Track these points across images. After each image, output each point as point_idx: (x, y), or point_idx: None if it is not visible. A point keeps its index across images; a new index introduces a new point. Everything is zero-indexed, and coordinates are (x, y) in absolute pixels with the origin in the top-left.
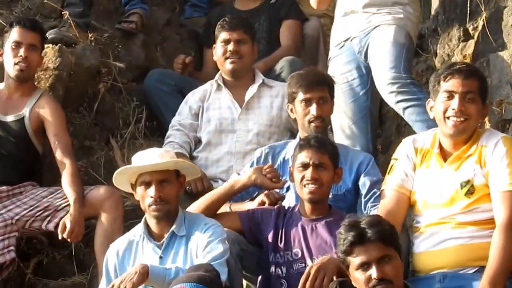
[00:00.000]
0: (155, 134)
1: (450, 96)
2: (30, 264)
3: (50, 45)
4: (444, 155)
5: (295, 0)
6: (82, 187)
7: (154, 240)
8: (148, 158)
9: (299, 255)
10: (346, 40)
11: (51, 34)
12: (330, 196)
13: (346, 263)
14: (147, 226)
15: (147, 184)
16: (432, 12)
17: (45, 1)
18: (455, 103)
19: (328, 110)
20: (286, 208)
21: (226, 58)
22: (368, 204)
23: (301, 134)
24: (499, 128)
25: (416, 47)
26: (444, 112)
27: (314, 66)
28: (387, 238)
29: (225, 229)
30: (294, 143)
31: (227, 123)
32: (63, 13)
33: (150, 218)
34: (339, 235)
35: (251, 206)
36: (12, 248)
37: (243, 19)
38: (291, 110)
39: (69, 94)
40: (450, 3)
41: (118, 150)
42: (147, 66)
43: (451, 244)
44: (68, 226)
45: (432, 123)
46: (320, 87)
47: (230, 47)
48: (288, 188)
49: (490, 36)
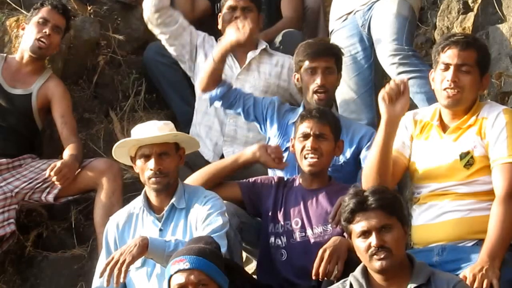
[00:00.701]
0: (155, 107)
1: (446, 67)
2: (30, 236)
3: None
4: (444, 127)
5: None
6: (82, 158)
7: (154, 212)
8: (148, 131)
9: (299, 225)
10: (349, 13)
11: None
12: None
13: (348, 231)
14: (146, 198)
15: (147, 157)
16: None
17: None
18: (449, 74)
19: (333, 81)
20: (286, 179)
21: None
22: None
23: (305, 104)
24: (498, 100)
25: None
26: (441, 83)
27: None
28: (388, 206)
29: (224, 201)
30: (300, 110)
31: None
32: None
33: (149, 190)
34: (343, 203)
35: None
36: (12, 220)
37: None
38: (297, 79)
39: (68, 67)
40: None
41: (118, 122)
42: (147, 39)
43: (449, 217)
44: (58, 165)
45: (432, 95)
46: (326, 56)
47: (237, 13)
48: (287, 149)
49: (489, 8)
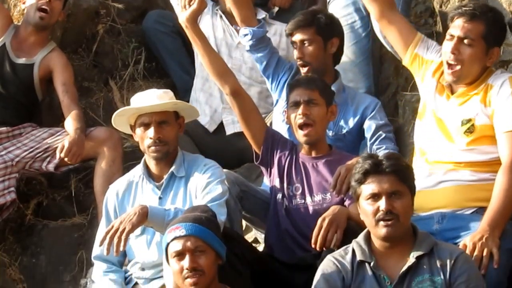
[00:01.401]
0: (154, 75)
1: (451, 38)
2: (30, 205)
3: None
4: (452, 89)
5: None
6: (85, 125)
7: (154, 181)
8: (147, 99)
9: (300, 191)
10: None
11: None
12: (331, 134)
13: (357, 193)
14: (146, 167)
15: (146, 125)
16: None
17: None
18: (450, 46)
19: (314, 53)
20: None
21: None
22: (374, 146)
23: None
24: (497, 69)
25: None
26: (445, 54)
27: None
28: (402, 173)
29: (224, 170)
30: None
31: (226, 46)
32: None
33: (149, 159)
34: (356, 164)
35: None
36: (12, 189)
37: None
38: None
39: (67, 36)
40: None
41: (117, 91)
42: (146, 7)
43: (449, 184)
44: (66, 145)
45: None
46: (301, 28)
47: None
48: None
49: None
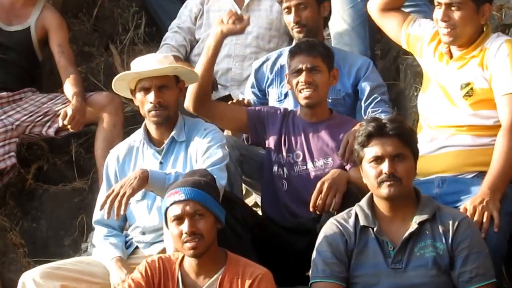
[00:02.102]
0: (154, 40)
1: (439, 5)
2: (30, 170)
3: None
4: (451, 54)
5: None
6: (83, 91)
7: (154, 145)
8: (147, 63)
9: (301, 158)
10: None
11: None
12: (329, 100)
13: (360, 156)
14: (147, 131)
15: (147, 90)
16: None
17: None
18: (439, 14)
19: (310, 16)
20: (289, 110)
21: None
22: (369, 109)
23: (295, 39)
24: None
25: None
26: (437, 22)
27: None
28: (405, 136)
29: (224, 134)
30: (288, 50)
31: None
32: None
33: (150, 123)
34: (359, 127)
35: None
36: (12, 153)
37: None
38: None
39: (68, 0)
40: None
41: (118, 56)
42: None
43: (450, 150)
44: (69, 113)
45: None
46: None
47: None
48: (286, 94)
49: None
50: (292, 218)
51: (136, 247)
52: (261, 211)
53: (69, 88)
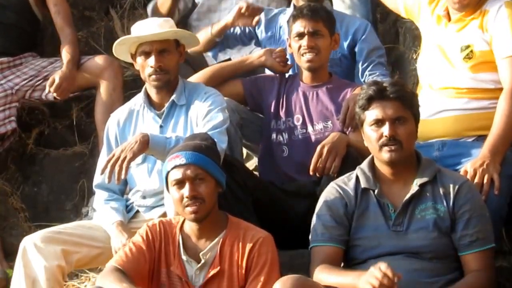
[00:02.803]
0: None
1: None
2: (31, 134)
3: None
4: (449, 16)
5: None
6: (78, 53)
7: (155, 109)
8: (148, 28)
9: (301, 121)
10: None
11: None
12: None
13: (361, 119)
14: (147, 95)
15: (147, 54)
16: None
17: None
18: None
19: None
20: (287, 76)
21: None
22: (366, 72)
23: (295, 2)
24: None
25: None
26: None
27: None
28: (406, 99)
29: (225, 98)
30: (290, 10)
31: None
32: None
33: (150, 87)
34: (360, 91)
35: (229, 18)
36: (13, 118)
37: None
38: None
39: None
40: None
41: (118, 20)
42: None
43: (449, 114)
44: (56, 80)
45: None
46: None
47: None
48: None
49: None
50: (291, 183)
51: (137, 211)
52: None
53: (63, 51)
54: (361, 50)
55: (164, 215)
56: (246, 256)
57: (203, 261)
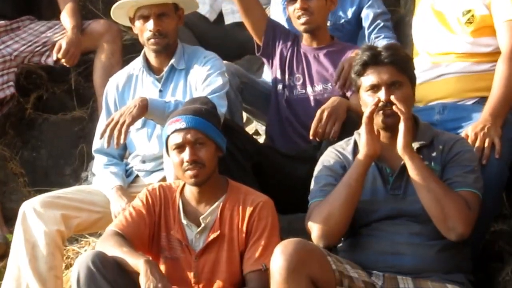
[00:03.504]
0: None
1: None
2: (30, 99)
3: None
4: None
5: None
6: (81, 20)
7: (154, 73)
8: None
9: (300, 81)
10: None
11: None
12: (328, 24)
13: (357, 85)
14: (146, 59)
15: (146, 18)
16: None
17: None
18: None
19: None
20: (296, 35)
21: None
22: (372, 36)
23: None
24: None
25: None
26: None
27: None
28: (401, 63)
29: (224, 62)
30: None
31: None
32: None
33: (149, 51)
34: (355, 56)
35: None
36: (11, 83)
37: None
38: None
39: None
40: None
41: None
42: None
43: (450, 76)
44: (64, 46)
45: None
46: None
47: None
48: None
49: None
50: (297, 137)
51: (137, 176)
52: (265, 134)
53: (66, 18)
54: (367, 14)
55: (164, 179)
56: (246, 220)
57: (203, 225)
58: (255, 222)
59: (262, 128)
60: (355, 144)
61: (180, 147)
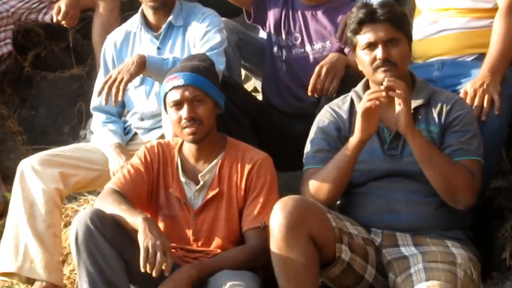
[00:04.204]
0: None
1: None
2: (27, 57)
3: None
4: None
5: None
6: None
7: (152, 30)
8: None
9: (299, 40)
10: None
11: None
12: None
13: (353, 43)
14: (144, 17)
15: None
16: None
17: None
18: None
19: None
20: None
21: None
22: None
23: None
24: None
25: None
26: None
27: None
28: (396, 20)
29: (222, 18)
30: None
31: None
32: None
33: (147, 8)
34: (350, 14)
35: None
36: (9, 41)
37: None
38: None
39: None
40: None
41: None
42: None
43: (449, 32)
44: (63, 8)
45: None
46: None
47: None
48: None
49: None
50: (293, 99)
51: (135, 134)
52: (261, 95)
53: None
54: None
55: (162, 137)
56: (245, 178)
57: (201, 182)
58: (254, 179)
59: (260, 85)
60: (352, 102)
61: (178, 104)
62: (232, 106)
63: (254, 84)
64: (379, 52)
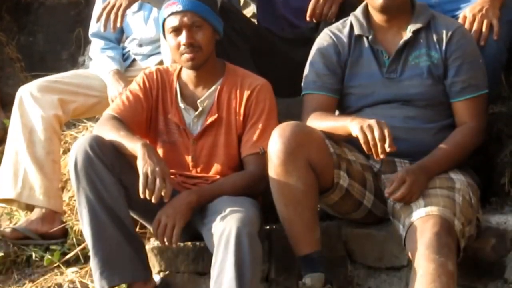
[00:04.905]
0: None
1: None
2: None
3: None
4: None
5: None
6: None
7: None
8: None
9: None
10: None
11: None
12: None
13: None
14: None
15: None
16: None
17: None
18: None
19: None
20: None
21: None
22: None
23: None
24: None
25: None
26: None
27: None
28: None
29: None
30: None
31: None
32: None
33: None
34: None
35: None
36: None
37: None
38: None
39: None
40: None
41: None
42: None
43: None
44: None
45: None
46: None
47: None
48: None
49: None
50: (290, 28)
51: (134, 60)
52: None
53: None
54: None
55: (161, 63)
56: (243, 104)
57: (200, 108)
58: (253, 105)
59: None
60: (351, 27)
61: (176, 30)
62: (231, 31)
63: (253, 10)
64: None
